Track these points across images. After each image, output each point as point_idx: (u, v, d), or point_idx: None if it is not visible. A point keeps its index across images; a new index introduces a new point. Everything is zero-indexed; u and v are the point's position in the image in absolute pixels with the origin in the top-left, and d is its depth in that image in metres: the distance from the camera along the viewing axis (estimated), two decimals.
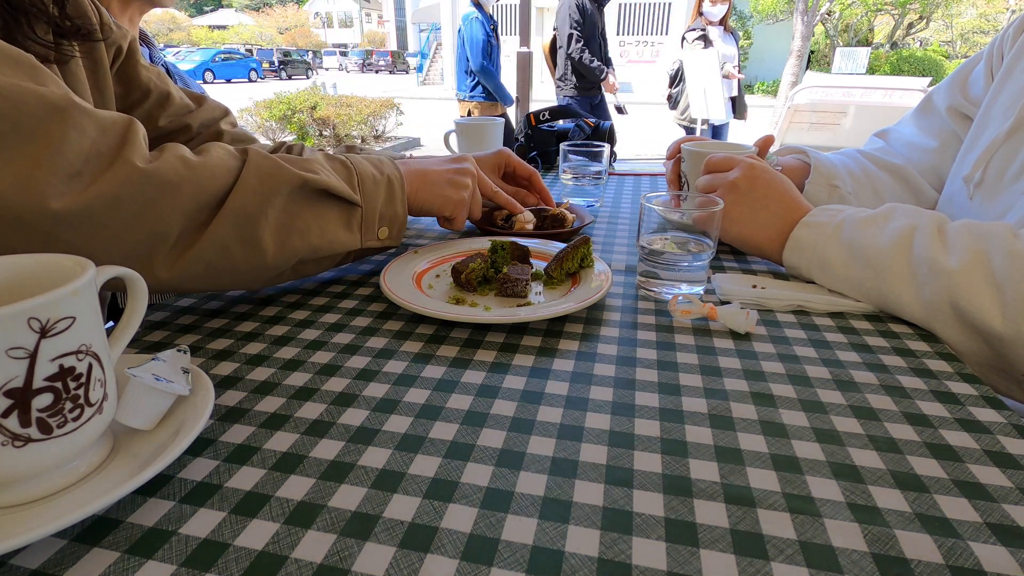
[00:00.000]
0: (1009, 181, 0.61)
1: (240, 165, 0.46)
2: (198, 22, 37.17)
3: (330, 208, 0.51)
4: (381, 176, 0.56)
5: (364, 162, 0.56)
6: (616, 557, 0.27)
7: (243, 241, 0.45)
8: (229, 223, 0.44)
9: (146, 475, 0.28)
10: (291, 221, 0.48)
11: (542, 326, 0.49)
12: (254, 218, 0.46)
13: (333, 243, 0.52)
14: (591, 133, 1.15)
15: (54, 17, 0.47)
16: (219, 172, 0.44)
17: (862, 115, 2.51)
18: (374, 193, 0.55)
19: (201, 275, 0.45)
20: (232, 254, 0.45)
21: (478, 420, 0.37)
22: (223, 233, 0.44)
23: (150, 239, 0.41)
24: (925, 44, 16.42)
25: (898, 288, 0.50)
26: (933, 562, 0.26)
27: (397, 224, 0.58)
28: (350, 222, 0.53)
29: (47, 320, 0.26)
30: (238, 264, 0.46)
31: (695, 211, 0.55)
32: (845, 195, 0.74)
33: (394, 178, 0.57)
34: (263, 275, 0.49)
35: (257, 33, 34.69)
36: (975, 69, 0.74)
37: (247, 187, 0.45)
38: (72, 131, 0.37)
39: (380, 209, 0.55)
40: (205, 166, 0.44)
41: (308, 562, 0.26)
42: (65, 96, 0.38)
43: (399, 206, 0.57)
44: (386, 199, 0.56)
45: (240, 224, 0.45)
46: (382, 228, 0.56)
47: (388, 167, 0.58)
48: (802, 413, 0.37)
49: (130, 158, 0.40)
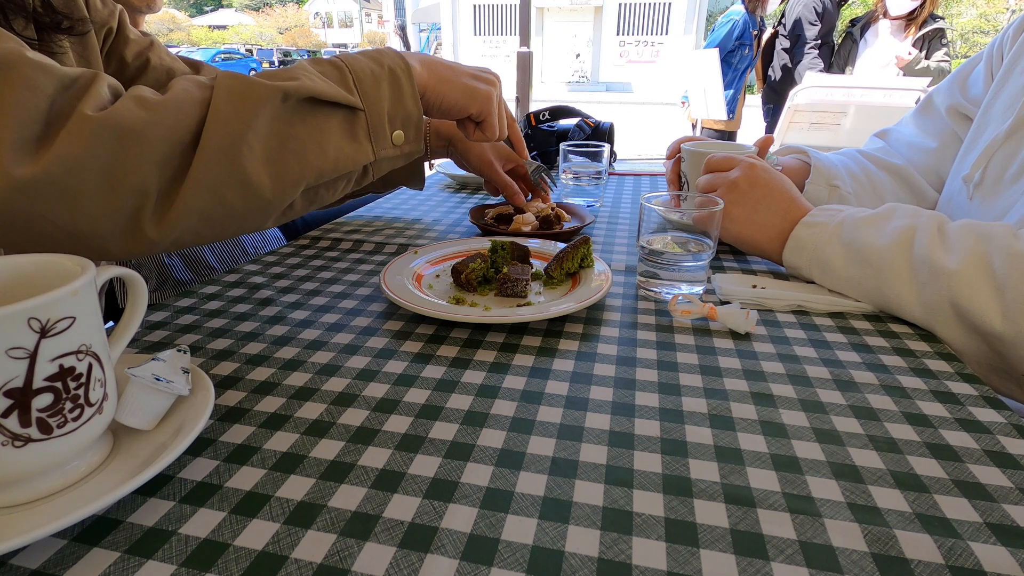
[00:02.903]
0: (1009, 181, 0.61)
1: (209, 95, 0.40)
2: (198, 22, 37.15)
3: (326, 119, 0.44)
4: (382, 70, 0.47)
5: (360, 58, 0.48)
6: (616, 557, 0.27)
7: (233, 180, 0.40)
8: (211, 163, 0.39)
9: (146, 475, 0.28)
10: (281, 144, 0.42)
11: (542, 326, 0.49)
12: (236, 150, 0.40)
13: (339, 160, 0.45)
14: (591, 133, 1.15)
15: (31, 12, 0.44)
16: (185, 108, 0.39)
17: (862, 115, 2.51)
18: (375, 91, 0.46)
19: (196, 227, 0.40)
20: (224, 197, 0.40)
21: (478, 420, 0.37)
22: (207, 176, 0.39)
23: (129, 197, 0.37)
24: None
25: (898, 288, 0.50)
26: (933, 562, 0.26)
27: (412, 124, 0.49)
28: (354, 130, 0.46)
29: (47, 320, 0.26)
30: (236, 207, 0.41)
31: (695, 211, 0.55)
32: (845, 195, 0.74)
33: (398, 69, 0.48)
34: (269, 212, 0.44)
35: (257, 33, 34.68)
36: (975, 69, 0.74)
37: (220, 117, 0.39)
38: (24, 91, 0.33)
39: (388, 109, 0.47)
40: (167, 104, 0.38)
41: (308, 562, 0.26)
42: (13, 51, 0.34)
43: (410, 101, 0.48)
44: (393, 96, 0.48)
45: (223, 162, 0.39)
46: (396, 132, 0.48)
47: (390, 58, 0.49)
48: (802, 413, 0.37)
49: (83, 110, 0.35)
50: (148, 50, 0.61)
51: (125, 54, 0.59)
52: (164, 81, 0.62)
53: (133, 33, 0.60)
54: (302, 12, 36.98)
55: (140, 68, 0.60)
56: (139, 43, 0.60)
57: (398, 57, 0.49)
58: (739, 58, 2.99)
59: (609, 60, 15.85)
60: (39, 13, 0.45)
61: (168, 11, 33.69)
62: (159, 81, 0.62)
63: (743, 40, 2.94)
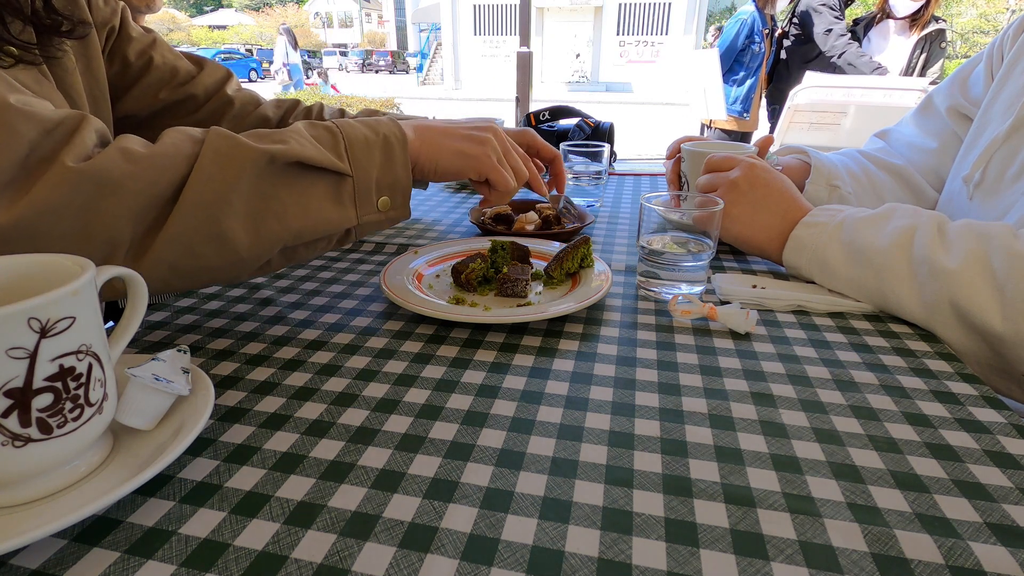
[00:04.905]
0: (1009, 181, 0.61)
1: (198, 150, 0.40)
2: (198, 22, 37.16)
3: (312, 183, 0.44)
4: (376, 137, 0.48)
5: (356, 124, 0.48)
6: (616, 557, 0.27)
7: (208, 236, 0.40)
8: (188, 218, 0.39)
9: (146, 475, 0.28)
10: (264, 205, 0.42)
11: (542, 326, 0.49)
12: (217, 208, 0.40)
13: (320, 223, 0.45)
14: (591, 133, 1.15)
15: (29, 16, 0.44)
16: (171, 162, 0.39)
17: (862, 115, 2.50)
18: (367, 158, 0.47)
19: (166, 278, 0.40)
20: (198, 252, 0.40)
21: (478, 420, 0.37)
22: (182, 230, 0.39)
23: (102, 247, 0.37)
24: None
25: (898, 288, 0.50)
26: (933, 562, 0.26)
27: (400, 190, 0.49)
28: (339, 195, 0.46)
29: (47, 320, 0.26)
30: (209, 261, 0.41)
31: (695, 211, 0.55)
32: (845, 195, 0.74)
33: (392, 137, 0.48)
34: (244, 268, 0.44)
35: (257, 33, 34.69)
36: (975, 69, 0.74)
37: (204, 175, 0.39)
38: (3, 136, 0.33)
39: (376, 175, 0.47)
40: (152, 158, 0.38)
41: (308, 562, 0.26)
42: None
43: (400, 169, 0.48)
44: (383, 163, 0.47)
45: (201, 218, 0.39)
46: (382, 198, 0.48)
47: (386, 127, 0.49)
48: (802, 413, 0.37)
49: (63, 158, 0.35)
50: (151, 48, 0.61)
51: (128, 52, 0.59)
52: (168, 80, 0.62)
53: (135, 30, 0.60)
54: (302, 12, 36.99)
55: (143, 67, 0.60)
56: (142, 40, 0.60)
57: (394, 125, 0.49)
58: (750, 56, 2.96)
59: (609, 60, 15.85)
60: (39, 15, 0.44)
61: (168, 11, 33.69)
62: (163, 80, 0.62)
63: (753, 38, 2.92)
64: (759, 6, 2.86)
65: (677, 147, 0.79)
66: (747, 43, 2.91)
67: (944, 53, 2.70)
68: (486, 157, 0.53)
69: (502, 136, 0.56)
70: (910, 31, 2.68)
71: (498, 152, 0.55)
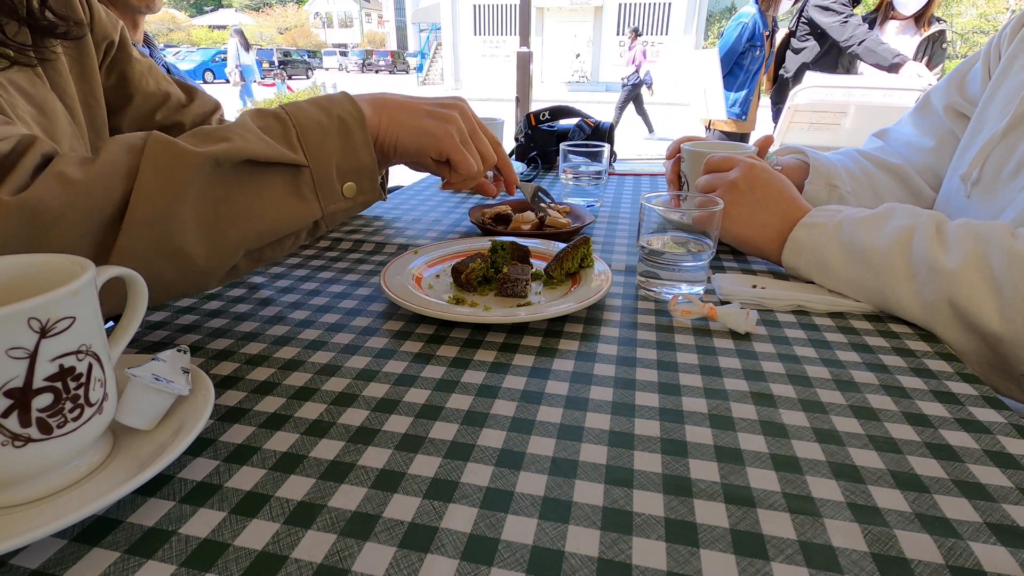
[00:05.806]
0: (1006, 179, 0.61)
1: (137, 163, 0.37)
2: (198, 22, 37.15)
3: (266, 180, 0.41)
4: (330, 121, 0.44)
5: (307, 107, 0.44)
6: (616, 557, 0.27)
7: (163, 253, 0.38)
8: (137, 238, 0.37)
9: (146, 475, 0.28)
10: (215, 212, 0.39)
11: (542, 326, 0.49)
12: (166, 223, 0.37)
13: (281, 221, 0.42)
14: (591, 133, 1.15)
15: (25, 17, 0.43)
16: (110, 182, 0.36)
17: (862, 115, 2.50)
18: (322, 144, 0.43)
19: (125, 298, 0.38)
20: (155, 270, 0.37)
21: (478, 420, 0.37)
22: (133, 250, 0.37)
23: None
24: None
25: (897, 288, 0.50)
26: (933, 562, 0.26)
27: (366, 175, 0.45)
28: (298, 188, 0.42)
29: (47, 320, 0.26)
30: (166, 277, 0.39)
31: (695, 211, 0.55)
32: (844, 195, 0.74)
33: (349, 117, 0.44)
34: (208, 279, 0.42)
35: (257, 33, 34.70)
36: (972, 68, 0.74)
37: (145, 191, 0.36)
38: None
39: (336, 161, 0.44)
40: (89, 182, 0.36)
41: (308, 562, 0.26)
42: None
43: (362, 151, 0.45)
44: (342, 148, 0.44)
45: (151, 236, 0.37)
46: (347, 184, 0.45)
47: (340, 106, 0.45)
48: (802, 413, 0.37)
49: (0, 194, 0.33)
50: (148, 73, 0.62)
51: (128, 72, 0.59)
52: (160, 104, 0.63)
53: (135, 51, 0.60)
54: (302, 12, 36.99)
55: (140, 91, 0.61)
56: (141, 64, 0.61)
57: (349, 103, 0.45)
58: (750, 59, 2.96)
59: (609, 60, 15.85)
60: (35, 16, 0.44)
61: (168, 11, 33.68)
62: (156, 106, 0.63)
63: (754, 41, 2.91)
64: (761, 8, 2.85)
65: (677, 147, 0.79)
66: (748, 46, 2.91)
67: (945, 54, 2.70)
68: (448, 136, 0.49)
69: (469, 115, 0.52)
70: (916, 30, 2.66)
71: (463, 132, 0.51)
